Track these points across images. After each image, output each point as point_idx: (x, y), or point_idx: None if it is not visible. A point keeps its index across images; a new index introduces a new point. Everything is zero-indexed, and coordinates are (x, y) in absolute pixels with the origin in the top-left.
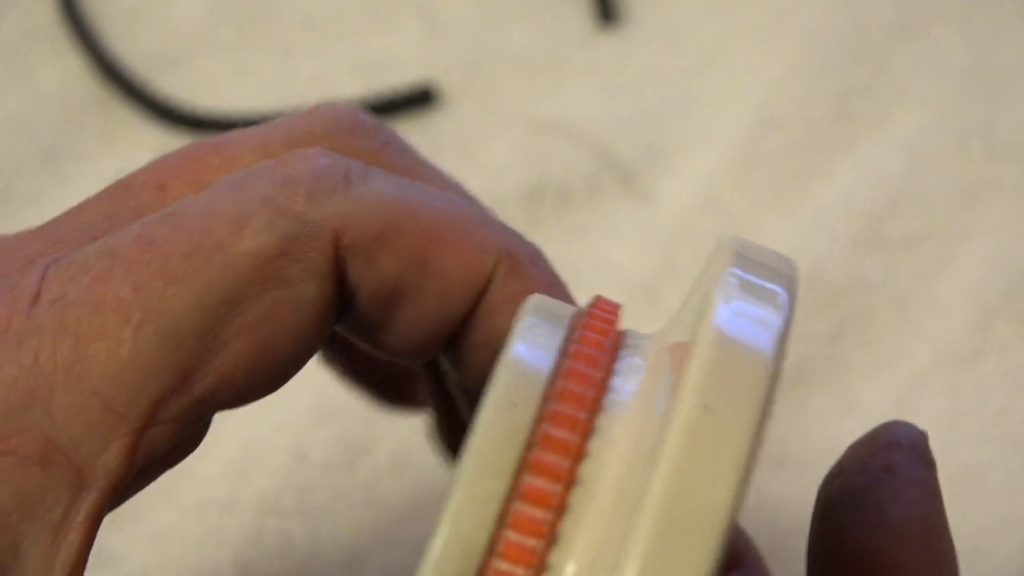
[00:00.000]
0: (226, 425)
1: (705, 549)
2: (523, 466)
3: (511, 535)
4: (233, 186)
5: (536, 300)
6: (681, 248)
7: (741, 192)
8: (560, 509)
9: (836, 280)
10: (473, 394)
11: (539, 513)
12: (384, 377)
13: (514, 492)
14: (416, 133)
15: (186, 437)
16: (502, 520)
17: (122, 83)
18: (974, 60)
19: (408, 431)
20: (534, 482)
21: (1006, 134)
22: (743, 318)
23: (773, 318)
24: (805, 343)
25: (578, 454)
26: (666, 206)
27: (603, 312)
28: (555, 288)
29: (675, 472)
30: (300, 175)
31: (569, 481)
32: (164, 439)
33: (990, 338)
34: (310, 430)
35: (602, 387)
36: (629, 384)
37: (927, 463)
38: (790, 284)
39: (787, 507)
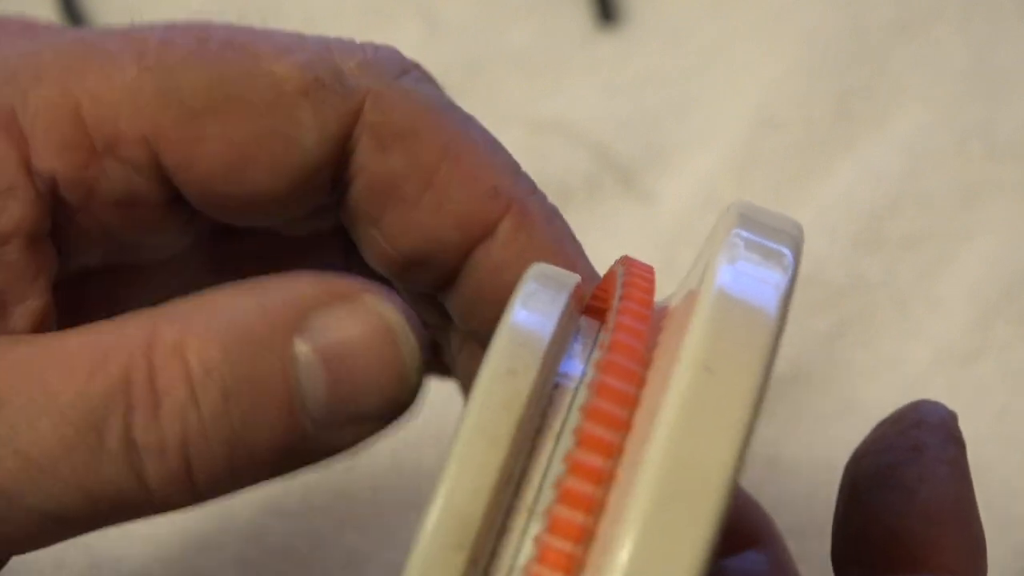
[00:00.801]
0: None
1: (706, 514)
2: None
3: (559, 509)
4: (302, 35)
5: (539, 267)
6: (681, 248)
7: (741, 192)
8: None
9: (836, 280)
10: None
11: (586, 487)
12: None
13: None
14: None
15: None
16: (502, 490)
17: None
18: (974, 60)
19: (409, 431)
20: (577, 455)
21: (1006, 134)
22: (746, 277)
23: (777, 277)
24: (805, 343)
25: (624, 429)
26: (666, 206)
27: (640, 279)
28: (566, 250)
29: (674, 436)
30: (364, 49)
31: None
32: (116, 181)
33: (990, 338)
34: None
35: (646, 360)
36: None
37: (956, 443)
38: (795, 244)
39: (787, 507)
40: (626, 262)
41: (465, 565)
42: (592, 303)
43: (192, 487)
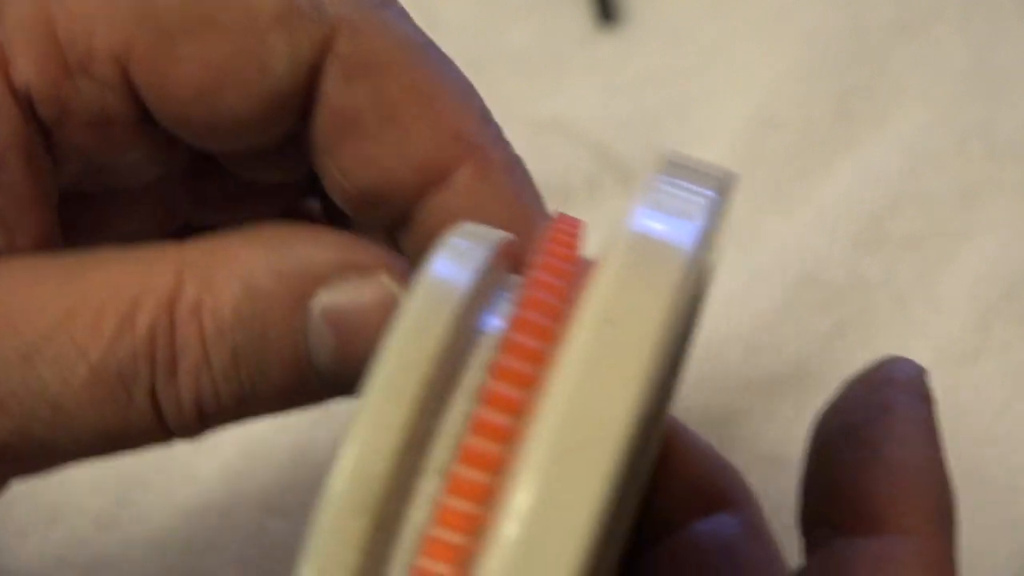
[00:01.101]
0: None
1: (604, 464)
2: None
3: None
4: None
5: (466, 226)
6: None
7: (741, 191)
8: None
9: (836, 280)
10: None
11: (485, 445)
12: None
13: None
14: None
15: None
16: (407, 452)
17: None
18: (974, 60)
19: None
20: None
21: (1006, 134)
22: (660, 222)
23: (695, 221)
24: (805, 343)
25: (531, 385)
26: None
27: (562, 232)
28: (524, 203)
29: (570, 388)
30: None
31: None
32: (89, 99)
33: (990, 338)
34: (310, 430)
35: (561, 314)
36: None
37: (925, 400)
38: (720, 187)
39: (786, 507)
40: (556, 216)
41: (369, 530)
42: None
43: (204, 427)
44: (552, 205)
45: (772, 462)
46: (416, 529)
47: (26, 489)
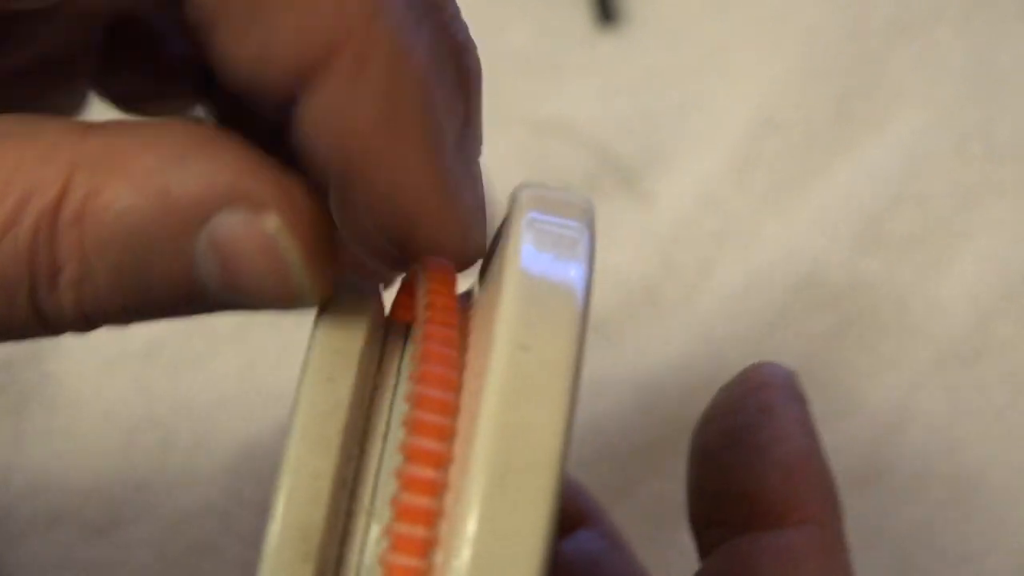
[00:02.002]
0: (226, 427)
1: (545, 481)
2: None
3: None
4: None
5: (342, 281)
6: (681, 248)
7: (741, 192)
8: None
9: (836, 280)
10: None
11: (426, 471)
12: None
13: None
14: None
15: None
16: (338, 496)
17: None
18: (974, 61)
19: None
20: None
21: (1006, 135)
22: (546, 256)
23: (576, 251)
24: (805, 343)
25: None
26: (666, 206)
27: (440, 272)
28: (400, 110)
29: (501, 412)
30: None
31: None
32: None
33: (990, 338)
34: None
35: (461, 347)
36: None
37: (800, 400)
38: (587, 217)
39: None
40: (424, 261)
41: (312, 575)
42: (401, 303)
43: (93, 328)
44: None
45: None
46: (355, 569)
47: (26, 490)
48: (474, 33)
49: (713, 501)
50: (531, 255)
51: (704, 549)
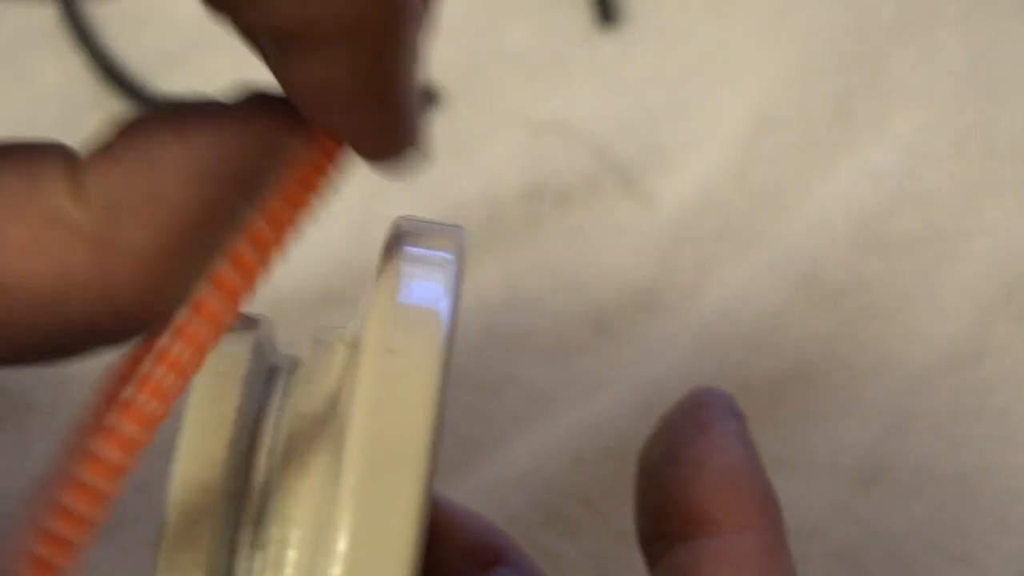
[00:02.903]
0: None
1: (414, 477)
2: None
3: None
4: None
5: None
6: (681, 248)
7: (741, 192)
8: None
9: (836, 280)
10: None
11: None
12: None
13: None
14: None
15: None
16: (224, 508)
17: (122, 83)
18: (974, 60)
19: None
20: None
21: (1006, 134)
22: (415, 283)
23: (440, 296)
24: (805, 343)
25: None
26: (666, 206)
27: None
28: None
29: (370, 412)
30: None
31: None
32: None
33: (990, 338)
34: None
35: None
36: (316, 386)
37: (738, 416)
38: (457, 246)
39: (786, 508)
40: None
41: None
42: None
43: None
44: (552, 205)
45: (772, 462)
46: None
47: (25, 490)
48: (474, 33)
49: (656, 515)
50: (399, 281)
51: (651, 563)
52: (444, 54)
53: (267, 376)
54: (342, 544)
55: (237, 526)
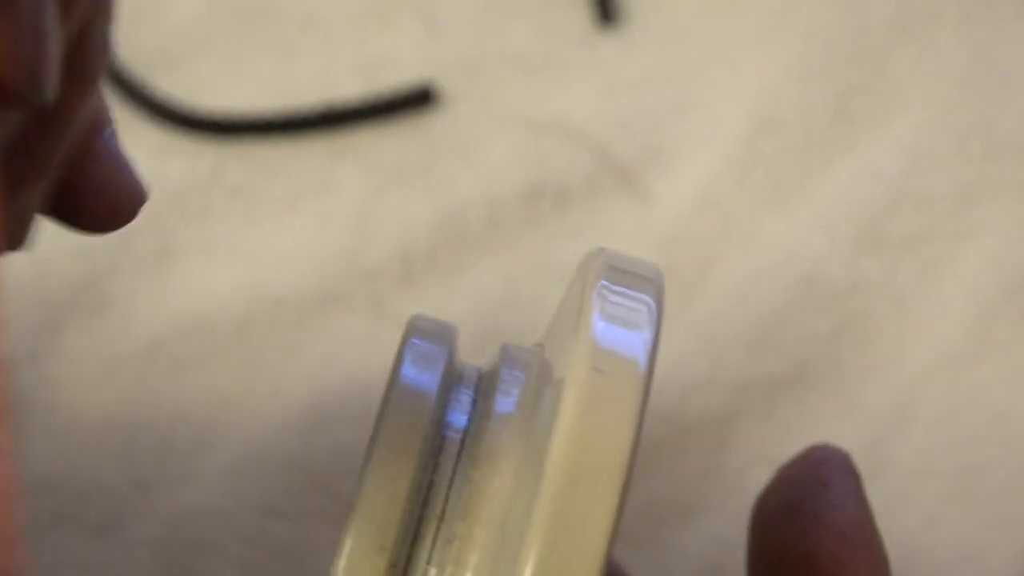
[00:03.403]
0: (225, 427)
1: (611, 491)
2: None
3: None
4: None
5: (421, 322)
6: (681, 248)
7: (741, 192)
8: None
9: (836, 280)
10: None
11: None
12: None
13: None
14: (416, 133)
15: None
16: (413, 499)
17: (122, 83)
18: (974, 60)
19: None
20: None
21: (1006, 134)
22: (615, 331)
23: (644, 329)
24: (805, 343)
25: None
26: (666, 206)
27: None
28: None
29: (575, 424)
30: None
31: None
32: None
33: (990, 338)
34: (308, 434)
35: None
36: (511, 397)
37: (855, 475)
38: (658, 292)
39: None
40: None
41: (385, 567)
42: None
43: None
44: (552, 205)
45: (772, 462)
46: (423, 568)
47: (26, 490)
48: (474, 33)
49: (772, 564)
50: (602, 327)
51: None
52: (444, 54)
53: (457, 380)
54: (533, 550)
55: (422, 518)
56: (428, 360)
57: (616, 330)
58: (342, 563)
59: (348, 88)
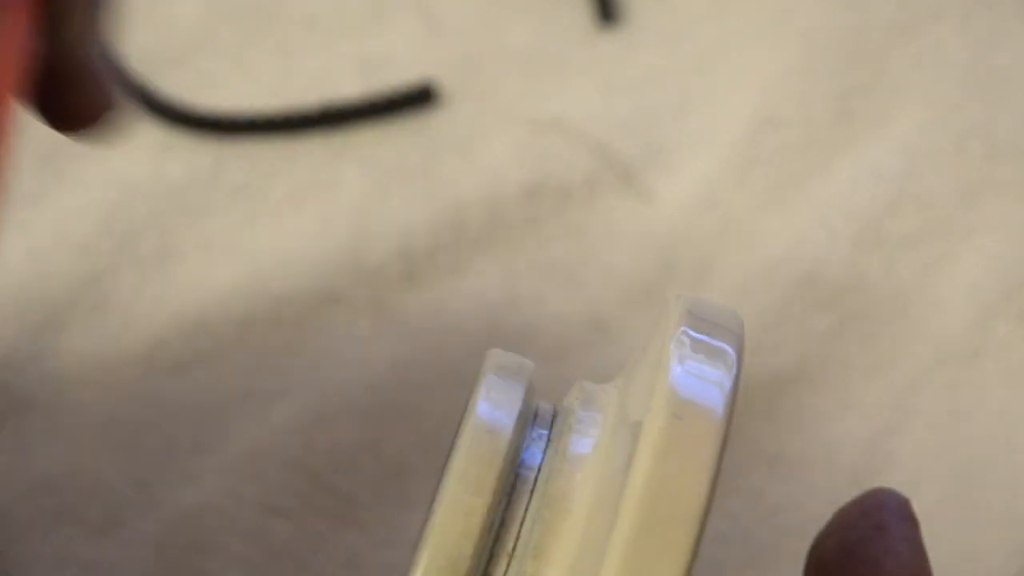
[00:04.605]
0: (226, 426)
1: (687, 538)
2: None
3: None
4: None
5: (497, 357)
6: (681, 248)
7: (741, 191)
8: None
9: (836, 279)
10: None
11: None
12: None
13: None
14: (416, 133)
15: None
16: (485, 535)
17: (122, 83)
18: (974, 60)
19: (409, 434)
20: None
21: (1006, 134)
22: (695, 379)
23: (723, 378)
24: (805, 342)
25: None
26: (666, 206)
27: None
28: None
29: (652, 469)
30: None
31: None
32: None
33: (990, 338)
34: (310, 431)
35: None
36: (587, 438)
37: (912, 522)
38: (738, 342)
39: (785, 507)
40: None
41: None
42: None
43: None
44: (552, 205)
45: (772, 462)
46: None
47: (26, 489)
48: (474, 33)
49: None
50: (681, 376)
51: None
52: (444, 53)
53: (532, 418)
54: None
55: (492, 555)
56: (505, 394)
57: (695, 379)
58: None
59: (348, 88)
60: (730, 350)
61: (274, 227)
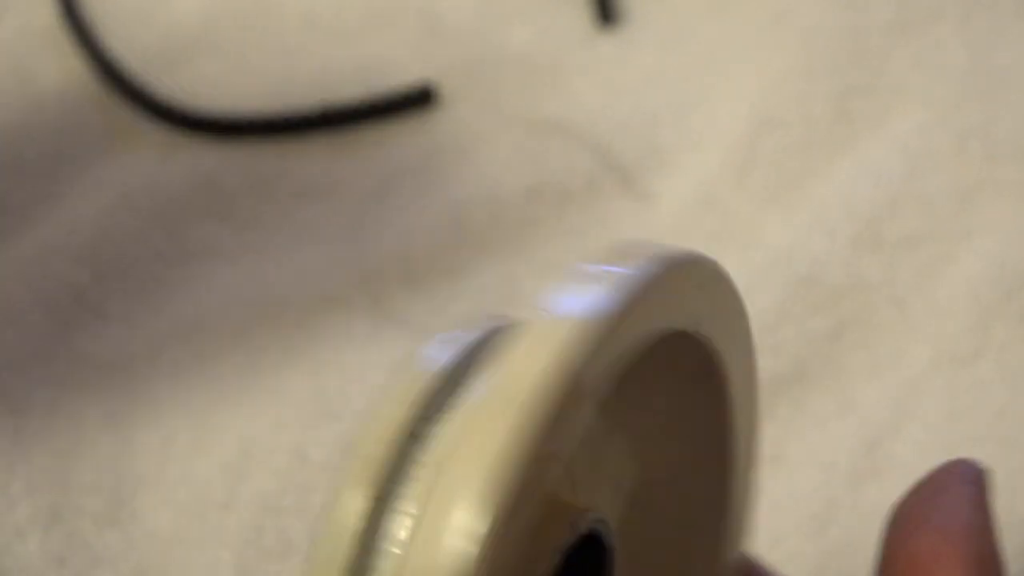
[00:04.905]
0: (225, 424)
1: (513, 415)
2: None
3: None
4: None
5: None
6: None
7: (741, 192)
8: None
9: (836, 280)
10: None
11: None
12: None
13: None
14: (416, 133)
15: None
16: (404, 443)
17: (122, 84)
18: (974, 60)
19: None
20: None
21: (1006, 134)
22: (575, 287)
23: (604, 290)
24: (804, 343)
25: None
26: (666, 206)
27: None
28: None
29: (493, 370)
30: None
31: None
32: None
33: (990, 338)
34: (309, 429)
35: None
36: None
37: (976, 484)
38: (645, 263)
39: (785, 506)
40: None
41: (371, 499)
42: None
43: None
44: (552, 205)
45: (771, 462)
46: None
47: (26, 489)
48: (474, 33)
49: (880, 566)
50: (559, 285)
51: None
52: (444, 54)
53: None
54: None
55: (413, 462)
56: (453, 341)
57: (576, 287)
58: (335, 491)
59: (348, 88)
60: (625, 270)
61: (274, 227)
